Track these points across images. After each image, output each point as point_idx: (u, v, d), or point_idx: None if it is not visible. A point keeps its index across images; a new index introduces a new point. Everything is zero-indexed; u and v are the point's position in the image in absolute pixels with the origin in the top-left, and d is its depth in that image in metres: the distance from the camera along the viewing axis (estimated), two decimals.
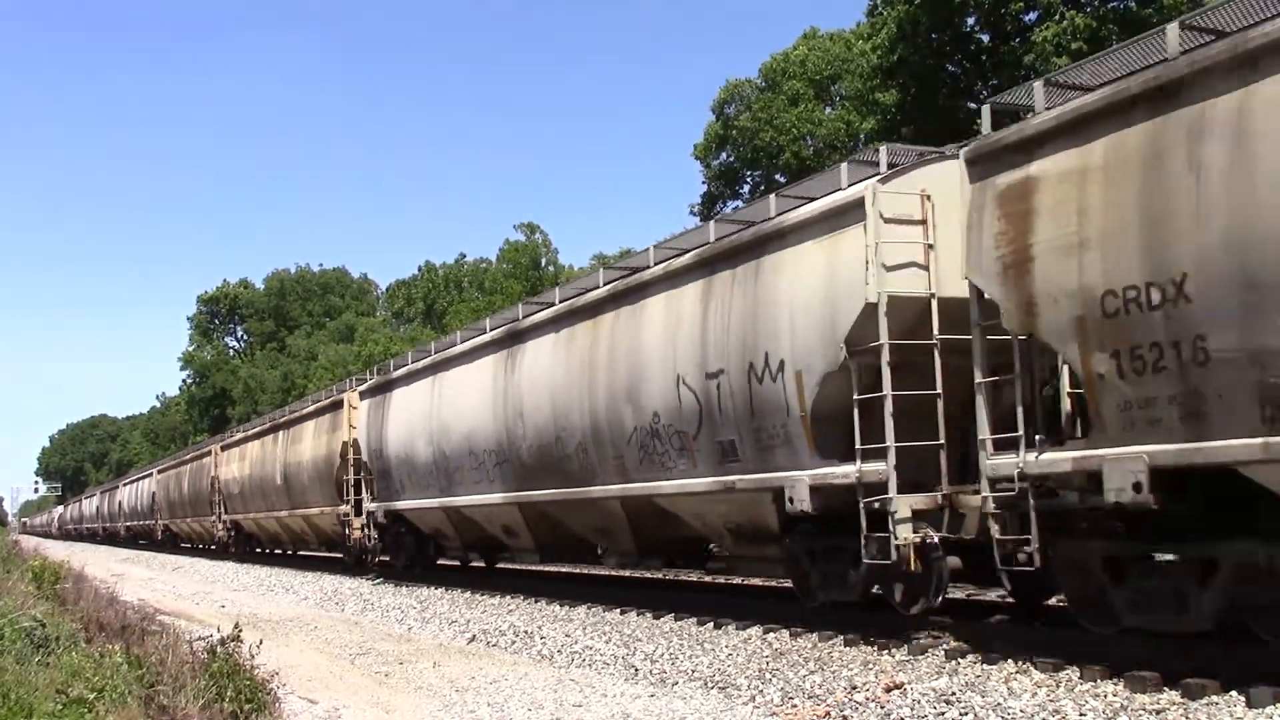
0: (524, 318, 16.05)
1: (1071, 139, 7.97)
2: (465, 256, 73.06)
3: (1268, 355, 6.60)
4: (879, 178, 9.93)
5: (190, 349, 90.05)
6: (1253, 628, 7.60)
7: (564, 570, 20.05)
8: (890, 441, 9.33)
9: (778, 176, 37.63)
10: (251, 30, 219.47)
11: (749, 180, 40.19)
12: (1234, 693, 6.85)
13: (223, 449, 34.55)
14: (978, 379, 8.71)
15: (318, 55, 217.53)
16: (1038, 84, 8.56)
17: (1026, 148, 8.35)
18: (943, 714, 7.04)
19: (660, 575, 18.21)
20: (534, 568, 19.75)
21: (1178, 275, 7.07)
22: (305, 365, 69.64)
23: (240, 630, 8.05)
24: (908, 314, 9.51)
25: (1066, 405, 8.45)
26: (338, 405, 23.45)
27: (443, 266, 72.90)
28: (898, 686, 7.83)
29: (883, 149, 10.51)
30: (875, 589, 10.34)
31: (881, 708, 7.34)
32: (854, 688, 7.96)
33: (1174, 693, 7.05)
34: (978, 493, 8.84)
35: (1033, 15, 25.30)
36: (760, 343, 10.77)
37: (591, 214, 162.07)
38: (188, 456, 41.65)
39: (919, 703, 7.32)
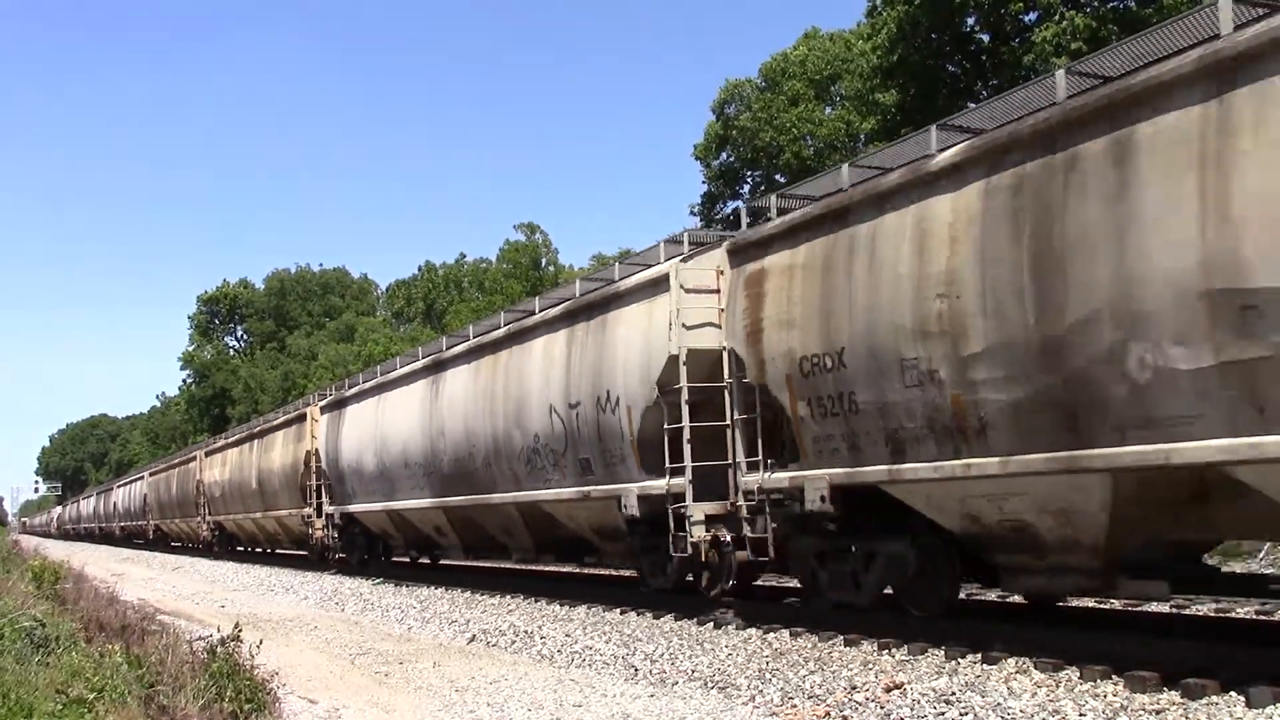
0: (446, 349, 18.91)
1: (787, 242, 10.84)
2: (465, 256, 73.07)
3: (889, 407, 9.44)
4: (681, 257, 12.71)
5: (190, 349, 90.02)
6: (901, 602, 10.49)
7: (564, 570, 20.09)
8: (688, 462, 12.01)
9: (778, 176, 37.60)
10: (251, 30, 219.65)
11: (749, 180, 40.16)
12: (1234, 693, 6.86)
13: (207, 454, 36.87)
14: (732, 418, 11.65)
15: (318, 55, 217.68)
16: (773, 196, 11.68)
17: (762, 245, 11.28)
18: (943, 714, 7.04)
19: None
20: (533, 567, 20.70)
21: (839, 349, 9.93)
22: (305, 365, 69.57)
23: (240, 630, 8.06)
24: (704, 363, 12.06)
25: (787, 438, 11.00)
26: (302, 418, 26.04)
27: (443, 266, 72.85)
28: (898, 686, 7.84)
29: (686, 234, 13.47)
30: (688, 577, 12.86)
31: (881, 708, 7.34)
32: (854, 688, 7.96)
33: (1174, 693, 7.05)
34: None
35: (1032, 15, 25.30)
36: (604, 381, 13.50)
37: (591, 214, 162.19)
38: (176, 461, 44.14)
39: (919, 703, 7.32)
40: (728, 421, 11.77)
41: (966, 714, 6.98)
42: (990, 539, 9.10)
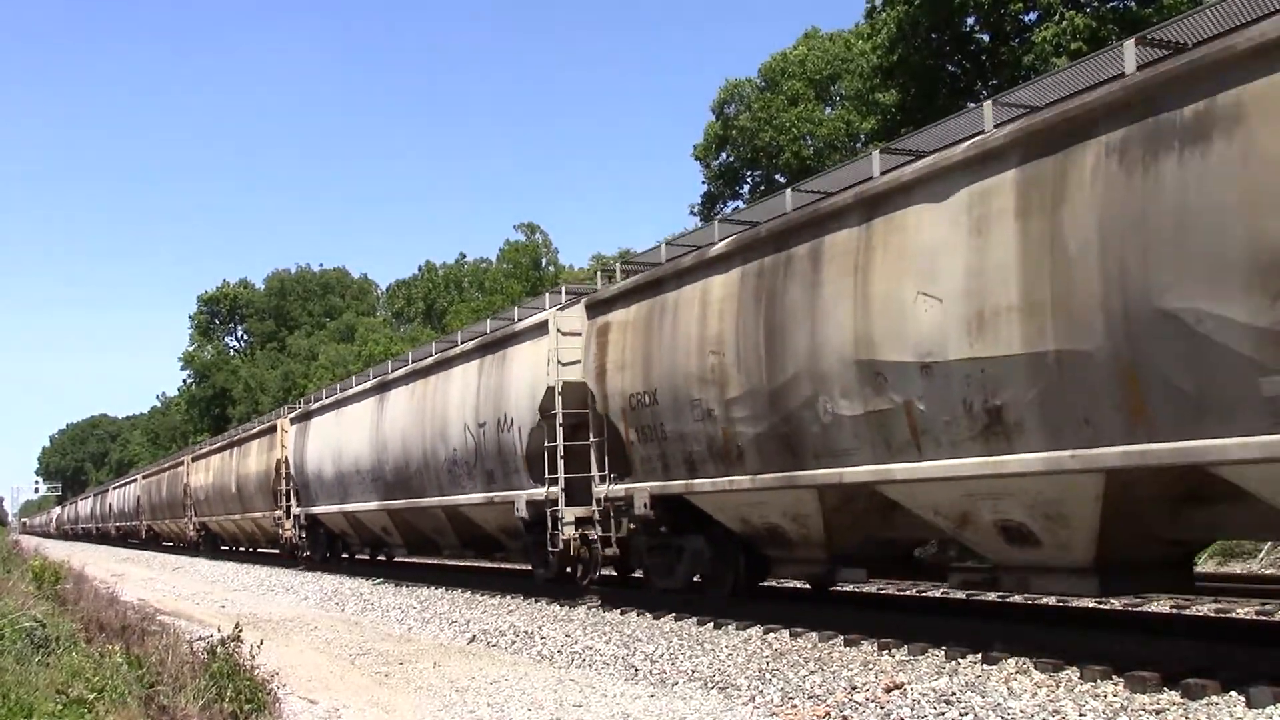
0: (391, 372, 21.79)
1: (624, 302, 13.62)
2: (465, 256, 73.08)
3: (685, 436, 12.06)
4: (559, 307, 15.58)
5: (190, 349, 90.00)
6: (706, 588, 13.14)
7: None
8: (560, 474, 14.64)
9: (777, 176, 37.59)
10: (252, 30, 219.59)
11: (749, 180, 40.14)
12: (1234, 693, 6.85)
13: (193, 460, 39.63)
14: (590, 440, 14.23)
15: (318, 55, 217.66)
16: (618, 264, 15.47)
17: (608, 303, 14.04)
18: (943, 714, 7.04)
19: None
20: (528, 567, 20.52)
21: (654, 389, 12.57)
22: (306, 365, 69.55)
23: (240, 630, 8.05)
24: (577, 393, 14.50)
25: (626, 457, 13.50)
26: (274, 429, 28.82)
27: (443, 266, 72.83)
28: (898, 686, 7.84)
29: (564, 287, 16.75)
30: (567, 569, 15.24)
31: (881, 708, 7.34)
32: (854, 688, 7.96)
33: (1174, 693, 7.05)
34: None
35: (1032, 15, 25.29)
36: (503, 406, 16.27)
37: (591, 214, 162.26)
38: (166, 465, 47.13)
39: (919, 703, 7.32)
40: (590, 441, 14.28)
41: (966, 714, 6.98)
42: (758, 537, 11.92)
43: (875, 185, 9.74)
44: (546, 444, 14.82)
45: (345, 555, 26.58)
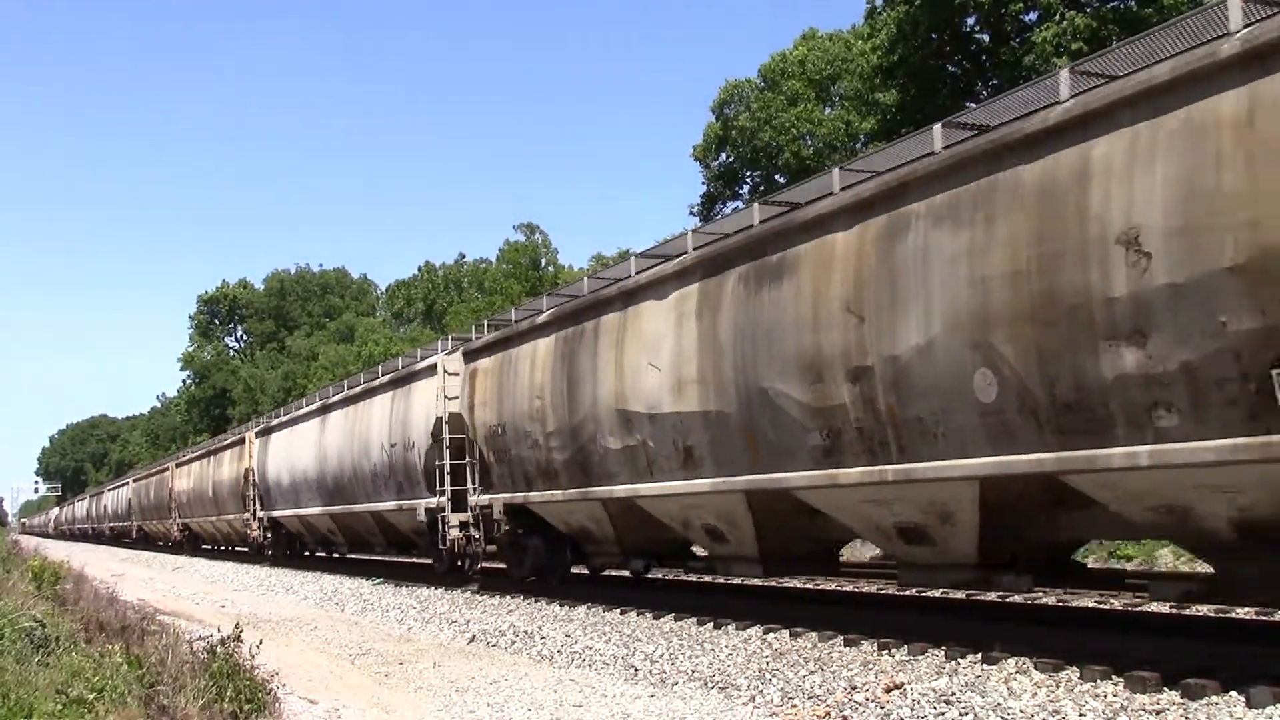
0: (331, 397, 25.71)
1: (487, 352, 17.19)
2: (465, 257, 73.07)
3: (524, 459, 15.59)
4: (446, 352, 19.16)
5: (190, 349, 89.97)
6: (548, 578, 16.69)
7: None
8: (446, 486, 18.02)
9: (777, 177, 37.58)
10: (252, 30, 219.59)
11: (749, 180, 40.11)
12: (1234, 693, 6.85)
13: (177, 466, 43.75)
14: (466, 460, 17.59)
15: (318, 56, 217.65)
16: (485, 321, 19.12)
17: (476, 352, 17.63)
18: (943, 714, 7.04)
19: (659, 576, 18.42)
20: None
21: (504, 423, 16.05)
22: (306, 365, 69.54)
23: (240, 630, 8.04)
24: (457, 422, 17.86)
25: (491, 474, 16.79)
26: (242, 440, 32.89)
27: (443, 267, 72.84)
28: (898, 686, 7.83)
29: (450, 336, 20.95)
30: (457, 562, 18.69)
31: (881, 708, 7.33)
32: (854, 688, 7.96)
33: (1174, 693, 7.05)
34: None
35: (1033, 15, 25.30)
36: (408, 430, 19.99)
37: (591, 214, 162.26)
38: (154, 470, 51.10)
39: (919, 703, 7.32)
40: (468, 460, 17.64)
41: (966, 714, 6.98)
42: (579, 535, 15.63)
43: (628, 284, 13.42)
44: (436, 462, 18.40)
45: (306, 553, 30.13)
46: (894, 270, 9.10)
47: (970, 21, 26.85)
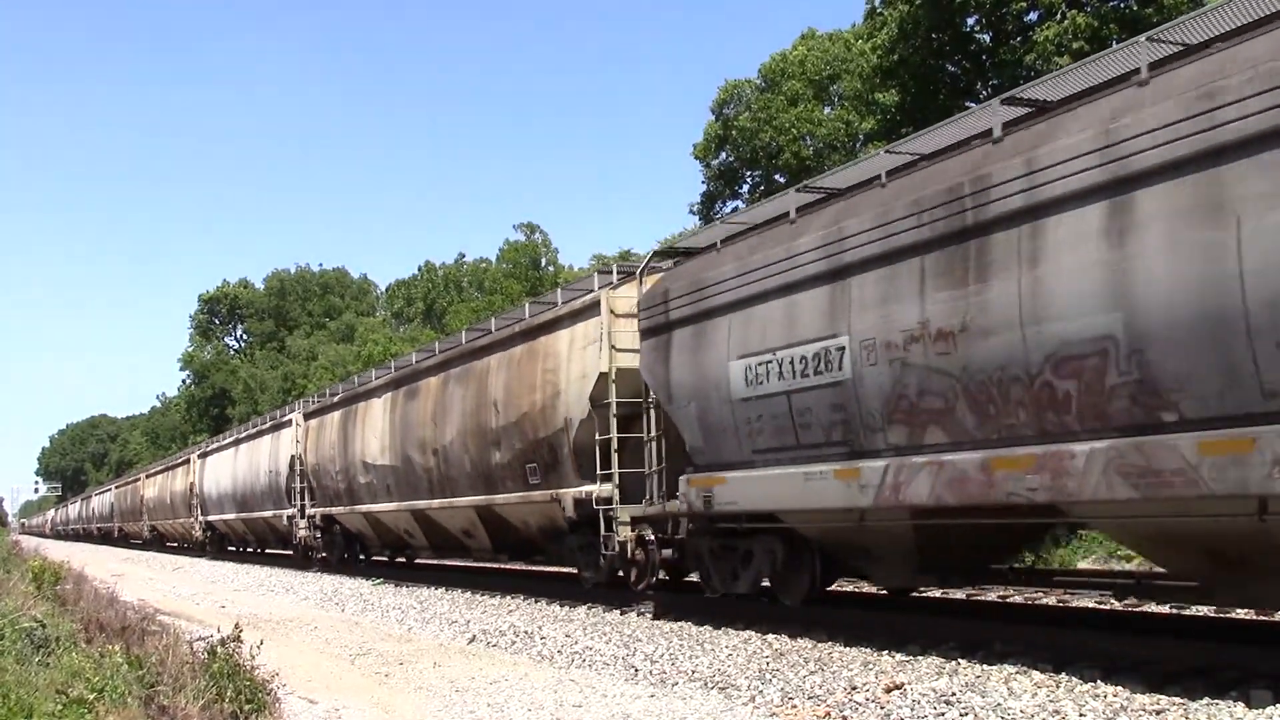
0: (242, 434, 34.33)
1: (328, 410, 25.78)
2: (465, 257, 73.03)
3: (326, 488, 25.34)
4: (305, 414, 27.20)
5: (190, 349, 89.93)
6: (351, 562, 25.57)
7: (564, 571, 20.11)
8: (297, 501, 27.04)
9: (777, 176, 37.57)
10: (252, 30, 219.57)
11: (749, 180, 40.09)
12: (1234, 693, 6.85)
13: (146, 477, 52.45)
14: (300, 485, 27.17)
15: (318, 55, 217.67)
16: (326, 388, 32.10)
17: (318, 411, 26.45)
18: (942, 714, 7.04)
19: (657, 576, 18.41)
20: (537, 568, 21.42)
21: (319, 461, 25.43)
22: (305, 366, 69.49)
23: (240, 630, 8.04)
24: (298, 464, 27.49)
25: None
26: (188, 461, 41.76)
27: (443, 267, 72.77)
28: (898, 687, 7.83)
29: (302, 400, 30.09)
30: (317, 554, 27.00)
31: (881, 708, 7.33)
32: (854, 688, 7.95)
33: (1174, 693, 7.04)
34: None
35: (1034, 15, 25.26)
36: (273, 463, 28.33)
37: (591, 214, 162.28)
38: (130, 479, 59.83)
39: (919, 703, 7.32)
40: (300, 486, 26.88)
41: (966, 714, 6.98)
42: (356, 534, 24.30)
43: (368, 385, 23.23)
44: (291, 485, 27.12)
45: (230, 548, 38.30)
46: (445, 400, 18.69)
47: (970, 21, 26.82)
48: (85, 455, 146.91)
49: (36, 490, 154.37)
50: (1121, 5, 24.19)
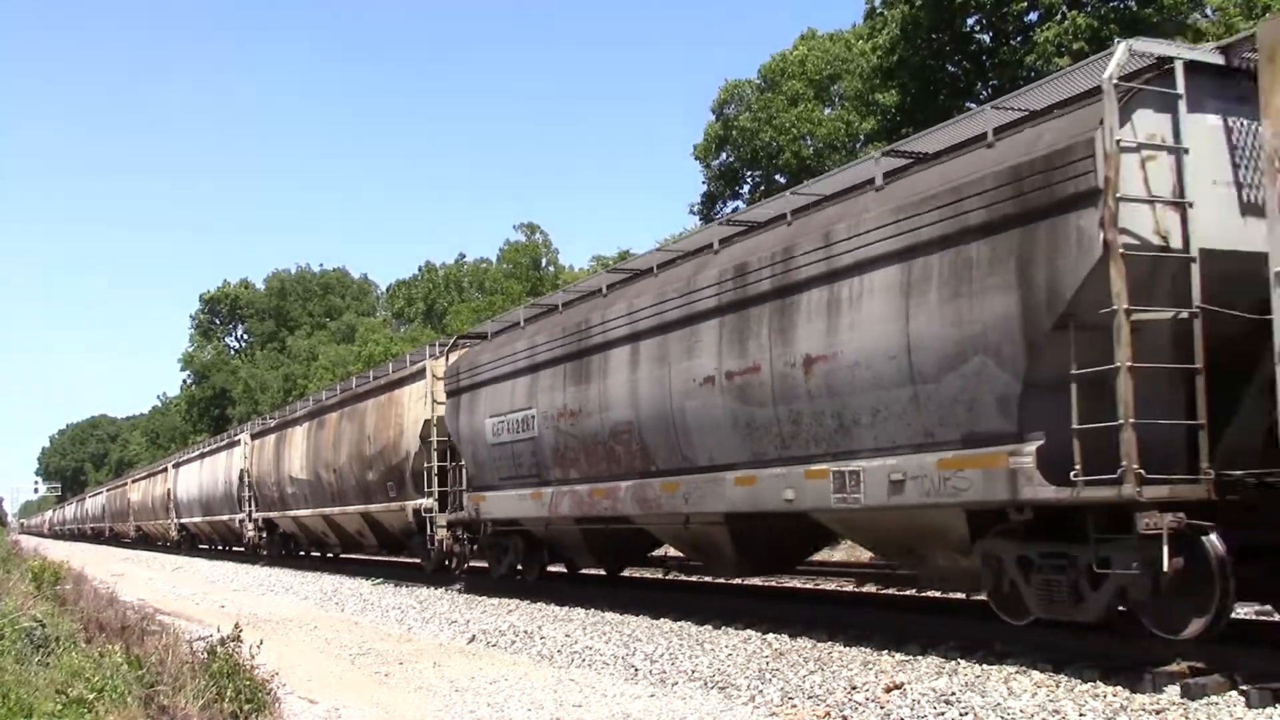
0: (206, 447, 40.49)
1: (271, 432, 30.71)
2: (465, 257, 73.07)
3: (264, 497, 30.79)
4: (251, 433, 33.22)
5: (190, 349, 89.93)
6: (291, 555, 30.88)
7: (565, 571, 20.10)
8: (249, 508, 32.09)
9: (777, 177, 37.58)
10: (252, 30, 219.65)
11: (749, 180, 40.11)
12: (1234, 693, 6.85)
13: (131, 482, 58.29)
14: (249, 494, 32.33)
15: (318, 55, 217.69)
16: (275, 412, 38.33)
17: (263, 433, 31.74)
18: (943, 714, 7.04)
19: (659, 576, 18.54)
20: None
21: (260, 475, 30.73)
22: (306, 366, 69.51)
23: (240, 630, 8.04)
24: (246, 476, 33.78)
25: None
26: (165, 469, 47.35)
27: (443, 267, 72.83)
28: (898, 686, 7.83)
29: (249, 424, 36.23)
30: (252, 548, 32.06)
31: (881, 708, 7.33)
32: (854, 688, 7.95)
33: (1174, 693, 7.04)
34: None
35: (1034, 15, 25.28)
36: (229, 475, 34.67)
37: (591, 214, 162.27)
38: (118, 484, 66.09)
39: (919, 703, 7.32)
40: (248, 495, 31.66)
41: (966, 714, 6.98)
42: (293, 533, 29.02)
43: (294, 415, 28.46)
44: (240, 494, 32.34)
45: (204, 546, 43.36)
46: (340, 431, 23.91)
47: (970, 22, 26.83)
48: (85, 455, 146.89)
49: (36, 490, 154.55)
50: (1121, 5, 24.20)
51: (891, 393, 8.97)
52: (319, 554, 29.71)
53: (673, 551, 16.22)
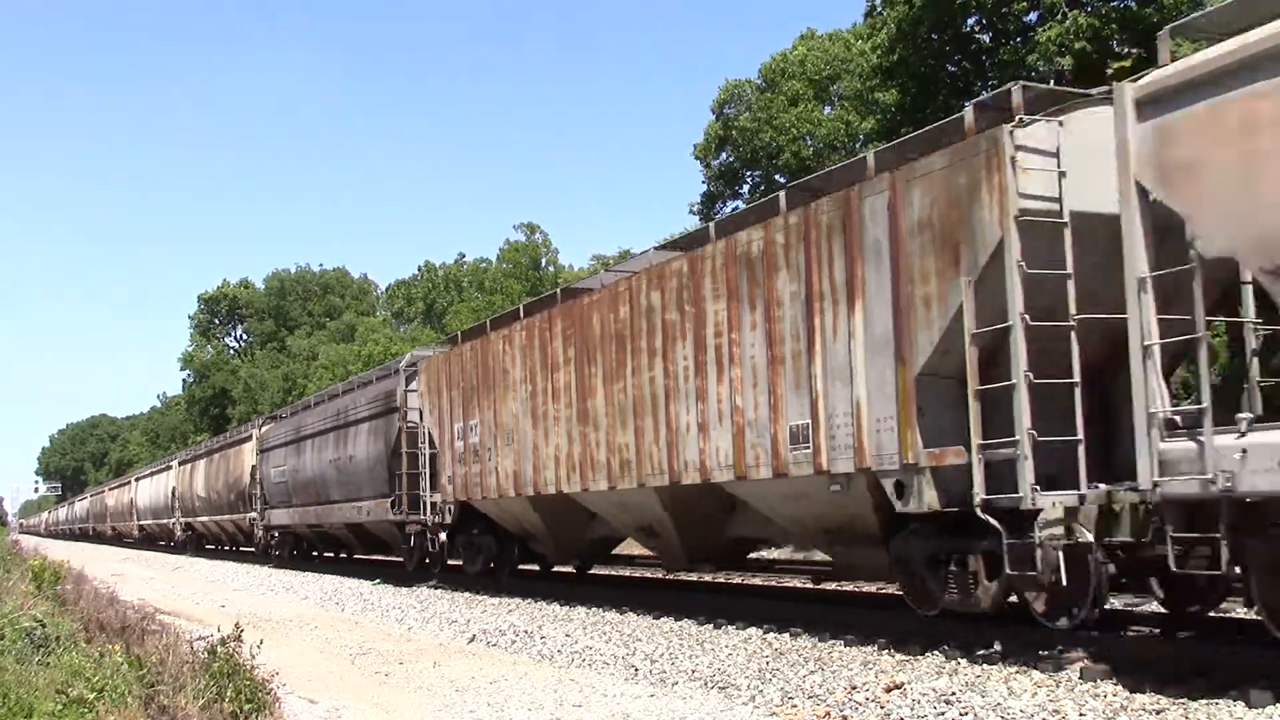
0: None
1: (196, 460, 44.09)
2: (465, 256, 73.01)
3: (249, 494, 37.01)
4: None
5: (190, 349, 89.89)
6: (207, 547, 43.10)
7: (565, 571, 20.14)
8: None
9: (777, 177, 37.54)
10: (252, 30, 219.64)
11: (749, 180, 40.07)
12: (1234, 693, 6.85)
13: (110, 489, 67.80)
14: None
15: (318, 55, 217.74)
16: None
17: (186, 460, 45.78)
18: (943, 714, 7.04)
19: (659, 576, 18.50)
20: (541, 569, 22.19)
21: (197, 493, 43.46)
22: (306, 366, 69.46)
23: (240, 630, 8.04)
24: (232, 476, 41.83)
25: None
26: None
27: (443, 266, 72.73)
28: (898, 686, 7.83)
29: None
30: (196, 541, 42.78)
31: (881, 708, 7.33)
32: (854, 688, 7.95)
33: (1174, 693, 7.04)
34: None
35: (1034, 15, 25.25)
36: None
37: (591, 214, 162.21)
38: (104, 488, 73.93)
39: (919, 703, 7.32)
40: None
41: (966, 714, 6.98)
42: (204, 534, 42.31)
43: (198, 452, 43.15)
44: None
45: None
46: (219, 468, 37.04)
47: (970, 21, 26.81)
48: (85, 455, 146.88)
49: (36, 490, 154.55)
50: (1122, 5, 24.19)
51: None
52: (229, 547, 39.81)
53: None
